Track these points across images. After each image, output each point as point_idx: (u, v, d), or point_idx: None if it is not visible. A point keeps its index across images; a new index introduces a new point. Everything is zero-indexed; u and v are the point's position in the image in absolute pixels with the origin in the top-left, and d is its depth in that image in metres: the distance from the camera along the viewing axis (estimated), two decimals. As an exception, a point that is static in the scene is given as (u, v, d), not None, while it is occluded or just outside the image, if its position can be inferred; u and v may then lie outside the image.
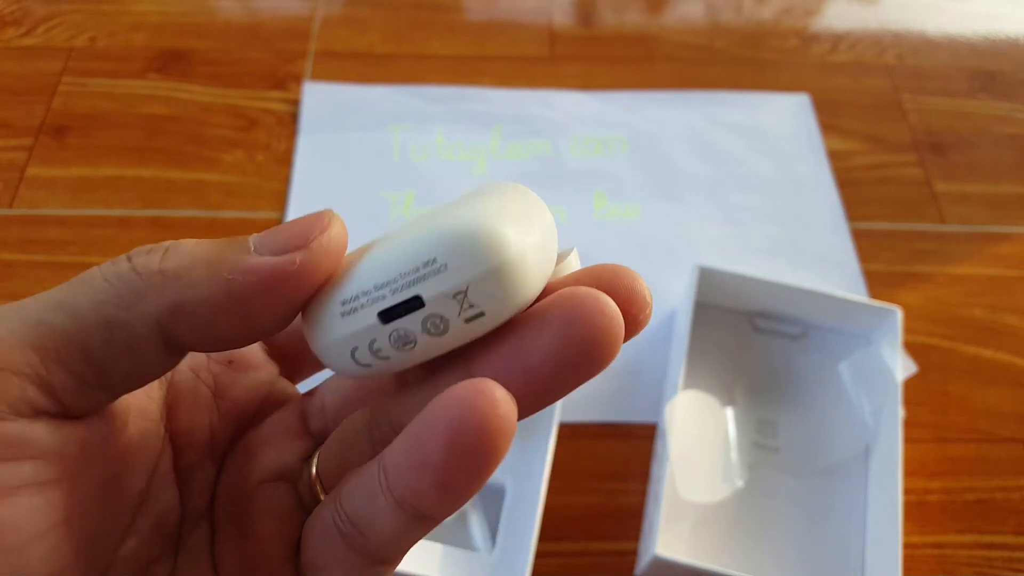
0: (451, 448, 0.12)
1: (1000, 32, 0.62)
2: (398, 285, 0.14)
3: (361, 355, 0.15)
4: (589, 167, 0.52)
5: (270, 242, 0.14)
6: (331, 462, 0.17)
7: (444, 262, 0.13)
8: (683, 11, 0.62)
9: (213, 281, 0.14)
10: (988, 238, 0.50)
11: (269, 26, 0.58)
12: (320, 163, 0.50)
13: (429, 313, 0.14)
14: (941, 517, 0.39)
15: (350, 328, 0.14)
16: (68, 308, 0.13)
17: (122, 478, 0.15)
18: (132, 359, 0.14)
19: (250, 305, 0.14)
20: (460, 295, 0.13)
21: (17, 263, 0.45)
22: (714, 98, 0.56)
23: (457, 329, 0.14)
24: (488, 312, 0.14)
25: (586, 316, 0.13)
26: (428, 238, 0.14)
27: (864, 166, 0.53)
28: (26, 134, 0.51)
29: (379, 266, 0.14)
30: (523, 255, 0.14)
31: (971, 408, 0.43)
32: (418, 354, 0.14)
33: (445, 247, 0.14)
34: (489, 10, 0.60)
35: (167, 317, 0.14)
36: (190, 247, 0.14)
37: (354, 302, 0.14)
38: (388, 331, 0.14)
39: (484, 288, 0.13)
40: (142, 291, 0.14)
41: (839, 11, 0.62)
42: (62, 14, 0.58)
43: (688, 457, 0.39)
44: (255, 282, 0.14)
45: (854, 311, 0.41)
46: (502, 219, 0.14)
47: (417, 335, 0.14)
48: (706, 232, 0.49)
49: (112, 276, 0.14)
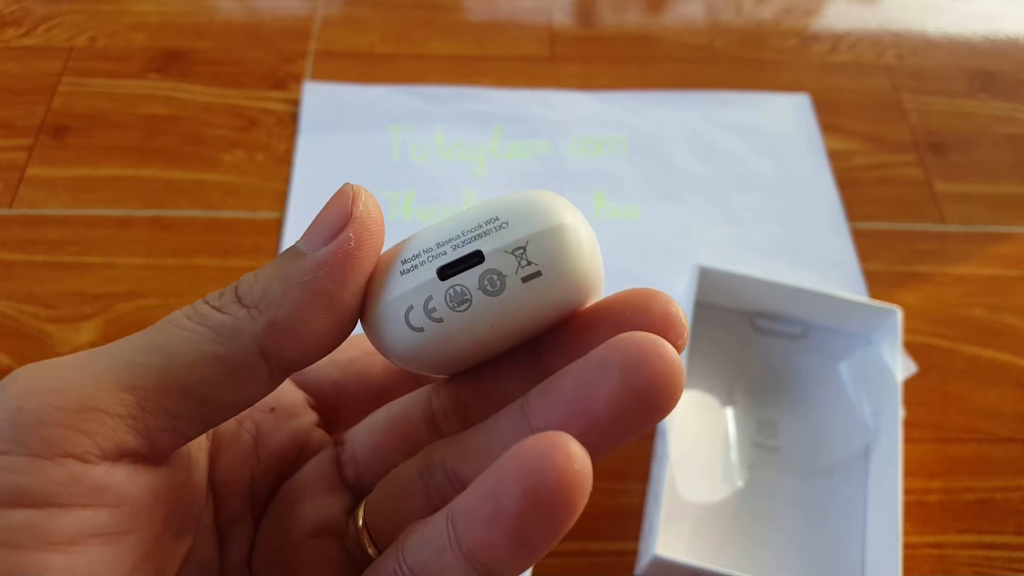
0: (527, 501, 0.12)
1: (1000, 32, 0.62)
2: (459, 241, 0.14)
3: (416, 317, 0.15)
4: (589, 167, 0.52)
5: (316, 237, 0.14)
6: (380, 514, 0.16)
7: (506, 220, 0.14)
8: (683, 11, 0.62)
9: (292, 290, 0.14)
10: (988, 238, 0.50)
11: (269, 26, 0.58)
12: (320, 163, 0.50)
13: (488, 268, 0.14)
14: (941, 517, 0.39)
15: (408, 285, 0.15)
16: (162, 349, 0.14)
17: (178, 530, 0.15)
18: (235, 389, 0.14)
19: (333, 295, 0.14)
20: (519, 250, 0.14)
21: (17, 263, 0.45)
22: (714, 98, 0.56)
23: (513, 289, 0.14)
24: (545, 272, 0.14)
25: (646, 363, 0.13)
26: (494, 203, 0.15)
27: (864, 166, 0.53)
28: (26, 134, 0.51)
29: (443, 228, 0.15)
30: (581, 224, 0.14)
31: (971, 408, 0.43)
32: (471, 319, 0.14)
33: (508, 207, 0.14)
34: (489, 10, 0.60)
35: (267, 340, 0.14)
36: (252, 278, 0.15)
37: (415, 260, 0.15)
38: (445, 287, 0.14)
39: (545, 244, 0.14)
40: (234, 325, 0.14)
41: (839, 11, 0.62)
42: (62, 14, 0.58)
43: (688, 457, 0.39)
44: (327, 273, 0.14)
45: (854, 311, 0.41)
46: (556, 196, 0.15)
47: (473, 292, 0.14)
48: (706, 232, 0.49)
49: (198, 317, 0.14)
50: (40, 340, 0.42)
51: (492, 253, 0.14)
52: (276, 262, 0.15)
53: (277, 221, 0.47)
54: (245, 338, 0.14)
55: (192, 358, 0.14)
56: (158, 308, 0.43)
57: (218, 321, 0.14)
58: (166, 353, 0.14)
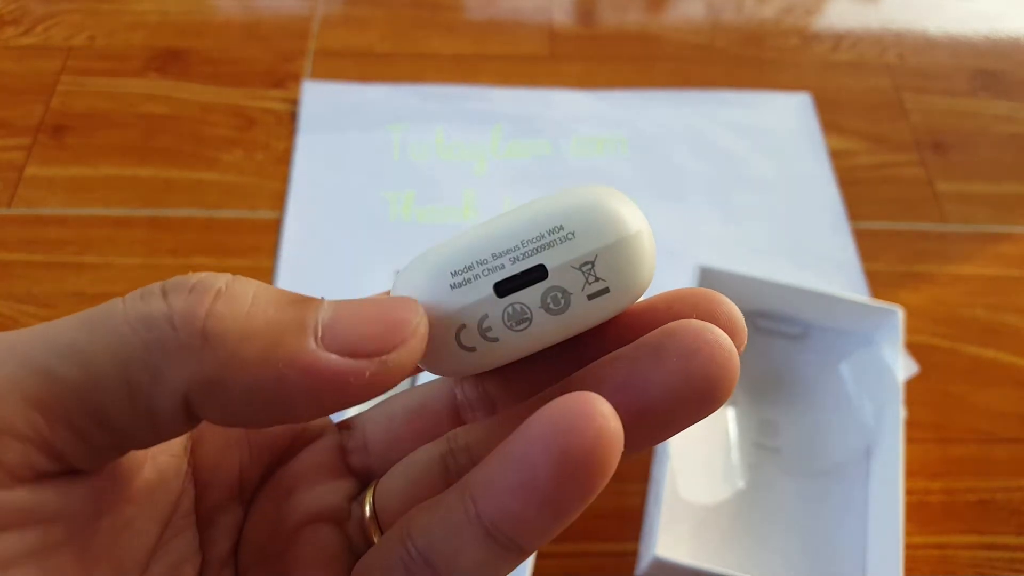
0: (561, 463, 0.11)
1: (1001, 31, 0.61)
2: (519, 253, 0.13)
3: (468, 336, 0.13)
4: (589, 167, 0.52)
5: (342, 335, 0.12)
6: (393, 500, 0.15)
7: (572, 229, 0.13)
8: (684, 10, 0.61)
9: (263, 368, 0.11)
10: (989, 238, 0.50)
11: (268, 25, 0.58)
12: (319, 162, 0.50)
13: (551, 285, 0.13)
14: (942, 517, 0.39)
15: (460, 301, 0.13)
16: (82, 358, 0.11)
17: (136, 524, 0.13)
18: (150, 426, 0.12)
19: (295, 401, 0.12)
20: (587, 265, 0.13)
21: (16, 263, 0.45)
22: (715, 97, 0.56)
23: (578, 307, 0.13)
24: (613, 288, 0.13)
25: (706, 350, 0.12)
26: (553, 207, 0.13)
27: (865, 166, 0.53)
28: (25, 133, 0.51)
29: (497, 234, 0.13)
30: (649, 233, 0.13)
31: (972, 408, 0.43)
32: (530, 338, 0.13)
33: (574, 215, 0.13)
34: (489, 9, 0.60)
35: (196, 392, 0.11)
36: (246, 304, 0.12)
37: (467, 272, 0.13)
38: (503, 305, 0.13)
39: (614, 259, 0.13)
40: (174, 353, 0.11)
41: (840, 10, 0.62)
42: (61, 13, 0.57)
43: (688, 457, 0.39)
44: (311, 384, 0.11)
45: (855, 311, 0.41)
46: (622, 198, 0.13)
47: (534, 311, 0.13)
48: (707, 232, 0.49)
49: (140, 322, 0.11)
50: (38, 340, 0.42)
51: (557, 269, 0.13)
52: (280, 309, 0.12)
53: (276, 221, 0.47)
54: (175, 377, 0.11)
55: (110, 379, 0.11)
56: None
57: (158, 339, 0.11)
58: (85, 364, 0.11)
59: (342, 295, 0.43)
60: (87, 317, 0.12)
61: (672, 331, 0.13)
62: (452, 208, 0.49)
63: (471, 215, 0.49)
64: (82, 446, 0.12)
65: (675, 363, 0.12)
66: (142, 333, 0.11)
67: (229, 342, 0.11)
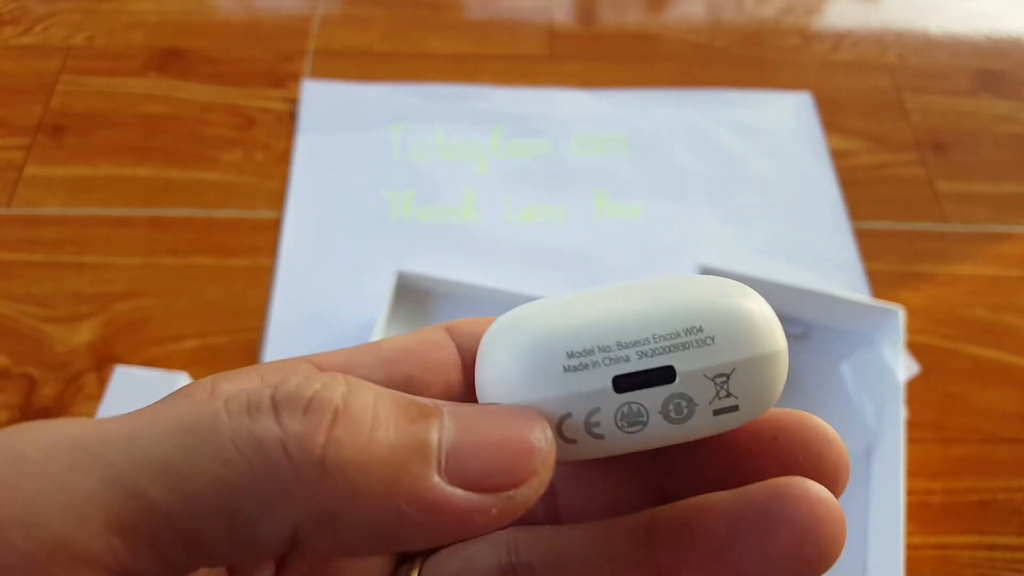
0: None
1: (1002, 31, 0.61)
2: (648, 349, 0.12)
3: (571, 427, 0.12)
4: (590, 166, 0.51)
5: (468, 467, 0.11)
6: None
7: (712, 334, 0.12)
8: (684, 9, 0.61)
9: (384, 503, 0.10)
10: (990, 238, 0.50)
11: (268, 24, 0.58)
12: (319, 162, 0.50)
13: (678, 392, 0.12)
14: (943, 518, 0.39)
15: (572, 388, 0.12)
16: (179, 481, 0.10)
17: None
18: (246, 553, 0.10)
19: (412, 536, 0.10)
20: (721, 378, 0.12)
21: (15, 263, 0.45)
22: (715, 97, 0.56)
23: (700, 419, 0.12)
24: (742, 408, 0.12)
25: (819, 531, 0.11)
26: (693, 303, 0.12)
27: (866, 165, 0.53)
28: (24, 133, 0.50)
29: (624, 319, 0.12)
30: (786, 352, 0.12)
31: (973, 408, 0.43)
32: (638, 442, 0.12)
33: (717, 318, 0.12)
34: (489, 8, 0.60)
35: (307, 525, 0.10)
36: (367, 425, 0.10)
37: (586, 356, 0.12)
38: (619, 403, 0.12)
39: (751, 376, 0.12)
40: (288, 484, 0.10)
41: (840, 10, 0.62)
42: (60, 13, 0.57)
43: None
44: (432, 521, 0.10)
45: (856, 311, 0.41)
46: (763, 305, 0.12)
47: (651, 416, 0.12)
48: (707, 232, 0.49)
49: (249, 446, 0.10)
50: (38, 340, 0.42)
51: (687, 375, 0.11)
52: (403, 435, 0.10)
53: (275, 220, 0.47)
54: (287, 511, 0.10)
55: (210, 507, 0.10)
56: (156, 308, 0.43)
57: (271, 469, 0.10)
58: (182, 490, 0.10)
59: (342, 295, 0.42)
60: (185, 430, 0.10)
61: (783, 495, 0.11)
62: (452, 208, 0.49)
63: (471, 215, 0.48)
64: (161, 567, 0.10)
65: (783, 538, 0.11)
66: (251, 458, 0.10)
67: (350, 475, 0.10)
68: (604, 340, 0.12)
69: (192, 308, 0.43)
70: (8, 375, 0.41)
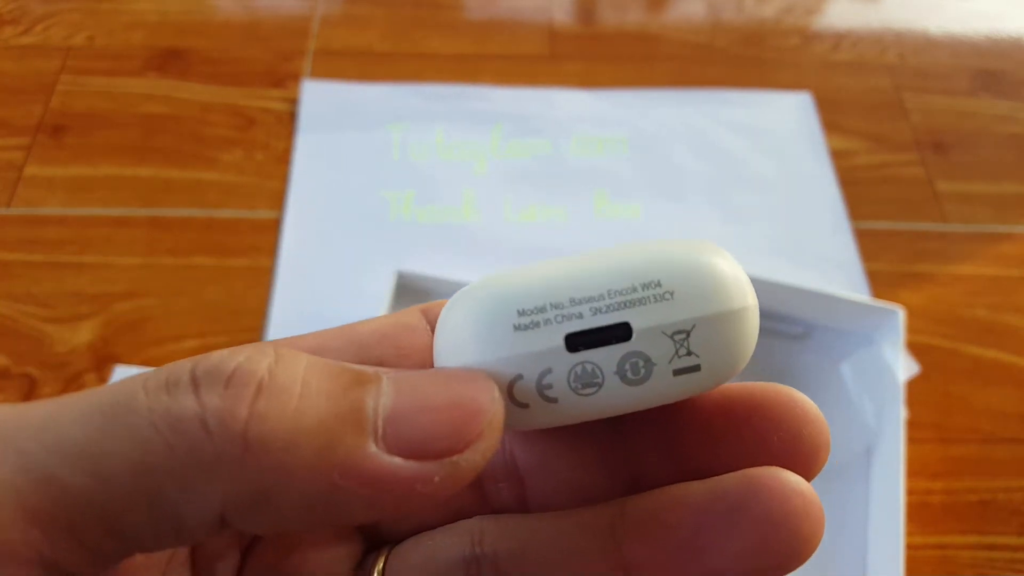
0: None
1: (1002, 31, 0.61)
2: (602, 304, 0.11)
3: (523, 390, 0.11)
4: (590, 166, 0.51)
5: (407, 433, 0.10)
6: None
7: (671, 288, 0.11)
8: (684, 9, 0.61)
9: (315, 478, 0.09)
10: (990, 238, 0.50)
11: (268, 24, 0.58)
12: (319, 162, 0.50)
13: (634, 350, 0.11)
14: (943, 518, 0.39)
15: (522, 348, 0.11)
16: (93, 464, 0.09)
17: None
18: (173, 537, 0.10)
19: (350, 510, 0.10)
20: (681, 335, 0.11)
21: (15, 263, 0.45)
22: (715, 97, 0.56)
23: (659, 380, 0.11)
24: (704, 367, 0.11)
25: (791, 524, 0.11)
26: (652, 256, 0.11)
27: (866, 165, 0.53)
28: (24, 133, 0.50)
29: (580, 275, 0.11)
30: (756, 310, 0.11)
31: (973, 409, 0.42)
32: (594, 405, 0.11)
33: (677, 272, 0.11)
34: (489, 8, 0.60)
35: (234, 506, 0.10)
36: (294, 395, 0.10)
37: (537, 314, 0.11)
38: (572, 362, 0.11)
39: (714, 333, 0.11)
40: (209, 463, 0.09)
41: (840, 10, 0.62)
42: (60, 13, 0.57)
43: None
44: (370, 494, 0.10)
45: (856, 311, 0.41)
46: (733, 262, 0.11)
47: (606, 376, 0.11)
48: (707, 232, 0.49)
49: (166, 423, 0.09)
50: (37, 340, 0.42)
51: (644, 331, 0.11)
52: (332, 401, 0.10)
53: (276, 220, 0.47)
54: (211, 492, 0.09)
55: (129, 490, 0.09)
56: (156, 308, 0.43)
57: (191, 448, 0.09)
58: (98, 474, 0.09)
59: (342, 295, 0.42)
60: (101, 411, 0.10)
61: (754, 488, 0.11)
62: (452, 208, 0.49)
63: (471, 215, 0.48)
64: (87, 556, 0.10)
65: (752, 532, 0.11)
66: (169, 437, 0.09)
67: (276, 450, 0.09)
68: (556, 296, 0.11)
69: (192, 308, 0.43)
70: (8, 375, 0.41)
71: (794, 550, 0.11)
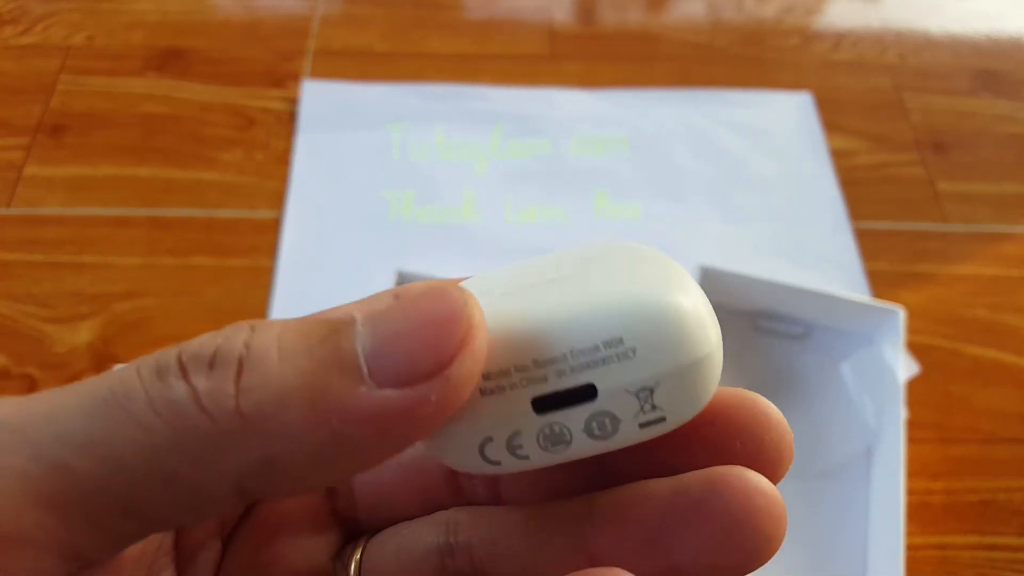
0: None
1: (1002, 31, 0.61)
2: (566, 367, 0.11)
3: (493, 450, 0.11)
4: (590, 166, 0.51)
5: (392, 365, 0.10)
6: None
7: (632, 345, 0.11)
8: (684, 9, 0.61)
9: (315, 429, 0.10)
10: (991, 238, 0.50)
11: (268, 24, 0.58)
12: (319, 162, 0.50)
13: (600, 410, 0.11)
14: (944, 518, 0.39)
15: (490, 413, 0.11)
16: (102, 451, 0.10)
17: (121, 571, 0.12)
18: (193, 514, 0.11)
19: (363, 451, 0.10)
20: (645, 392, 0.11)
21: (15, 263, 0.45)
22: (715, 97, 0.56)
23: (625, 433, 0.11)
24: (669, 418, 0.11)
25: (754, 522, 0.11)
26: (613, 307, 0.11)
27: (866, 165, 0.53)
28: (24, 133, 0.50)
29: (541, 334, 0.11)
30: (719, 349, 0.11)
31: (974, 409, 0.42)
32: (566, 457, 0.11)
33: (637, 326, 0.11)
34: (489, 8, 0.60)
35: (251, 476, 0.10)
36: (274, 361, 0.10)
37: (502, 378, 0.11)
38: (540, 424, 0.11)
39: (677, 386, 0.11)
40: (217, 443, 0.10)
41: (841, 10, 0.62)
42: (60, 12, 0.57)
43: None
44: (374, 431, 0.10)
45: (856, 311, 0.41)
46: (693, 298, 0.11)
47: (574, 435, 0.11)
48: (707, 232, 0.49)
49: (167, 409, 0.10)
50: (37, 340, 0.42)
51: (609, 392, 0.11)
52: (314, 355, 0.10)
53: (276, 220, 0.47)
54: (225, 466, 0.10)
55: (142, 473, 0.10)
56: (155, 308, 0.43)
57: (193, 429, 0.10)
58: (107, 460, 0.10)
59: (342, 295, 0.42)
60: (103, 400, 0.10)
61: (716, 486, 0.11)
62: (452, 208, 0.49)
63: (471, 215, 0.48)
64: (105, 539, 0.10)
65: (715, 528, 0.11)
66: (172, 420, 0.10)
67: (271, 415, 0.10)
68: (520, 359, 0.11)
69: (192, 308, 0.43)
70: (8, 375, 0.41)
71: (756, 547, 0.11)
